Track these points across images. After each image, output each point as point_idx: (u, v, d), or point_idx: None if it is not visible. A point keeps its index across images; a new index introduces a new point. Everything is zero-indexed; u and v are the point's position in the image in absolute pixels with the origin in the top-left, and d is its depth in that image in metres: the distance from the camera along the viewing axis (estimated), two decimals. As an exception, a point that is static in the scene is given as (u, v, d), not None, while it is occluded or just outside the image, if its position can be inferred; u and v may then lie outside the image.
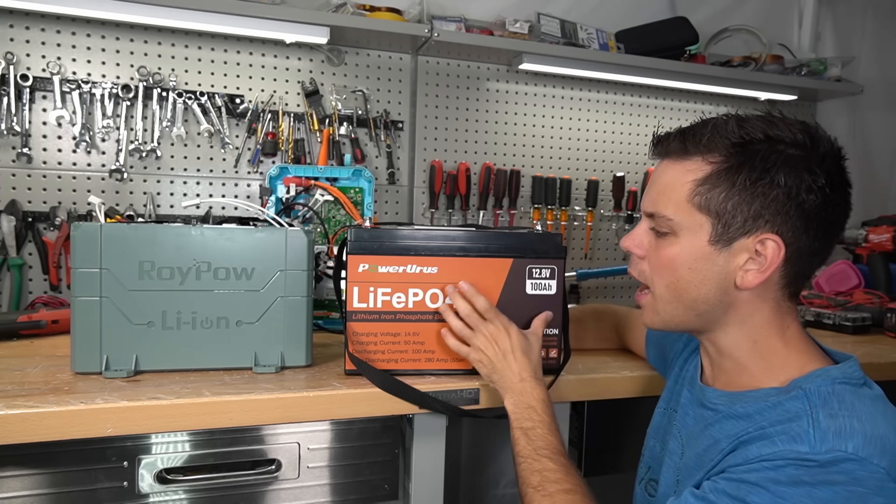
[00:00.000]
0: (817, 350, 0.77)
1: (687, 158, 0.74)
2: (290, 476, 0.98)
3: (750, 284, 0.72)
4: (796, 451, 0.63)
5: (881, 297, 1.68)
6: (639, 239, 0.80)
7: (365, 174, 1.46)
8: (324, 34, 1.56)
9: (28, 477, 0.87)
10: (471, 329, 0.97)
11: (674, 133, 0.76)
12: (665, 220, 0.75)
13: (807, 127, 0.72)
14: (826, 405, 0.66)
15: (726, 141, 0.71)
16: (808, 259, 0.73)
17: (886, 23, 2.32)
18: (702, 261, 0.74)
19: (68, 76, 1.53)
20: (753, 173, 0.70)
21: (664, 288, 0.77)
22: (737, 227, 0.71)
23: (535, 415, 0.88)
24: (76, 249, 0.95)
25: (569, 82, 1.99)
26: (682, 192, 0.74)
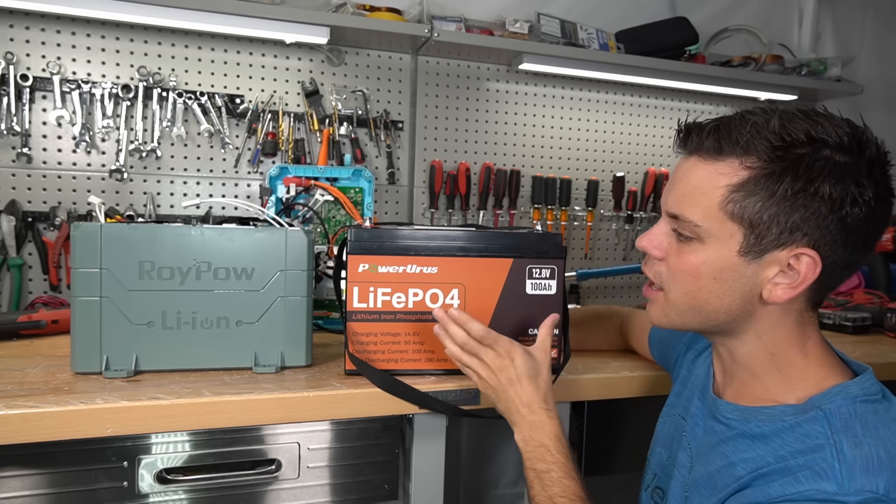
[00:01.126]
0: (836, 361, 0.72)
1: (720, 159, 0.67)
2: (290, 476, 0.98)
3: (779, 300, 0.67)
4: (823, 490, 0.59)
5: (881, 297, 1.68)
6: (658, 240, 0.74)
7: (365, 174, 1.46)
8: (324, 34, 1.56)
9: (28, 477, 0.87)
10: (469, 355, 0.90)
11: (708, 127, 0.69)
12: (692, 226, 0.69)
13: (853, 127, 0.65)
14: (848, 430, 0.62)
15: (766, 143, 0.64)
16: (841, 272, 0.68)
17: (886, 23, 2.32)
18: (728, 272, 0.68)
19: (68, 76, 1.53)
20: (797, 183, 0.63)
21: (682, 295, 0.72)
22: (771, 238, 0.66)
23: (549, 455, 0.81)
24: (76, 249, 0.95)
25: (569, 82, 1.99)
26: (714, 197, 0.67)
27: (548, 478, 0.80)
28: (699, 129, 0.70)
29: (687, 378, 0.90)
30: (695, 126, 0.71)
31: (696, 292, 0.71)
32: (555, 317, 0.96)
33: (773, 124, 0.65)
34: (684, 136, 0.72)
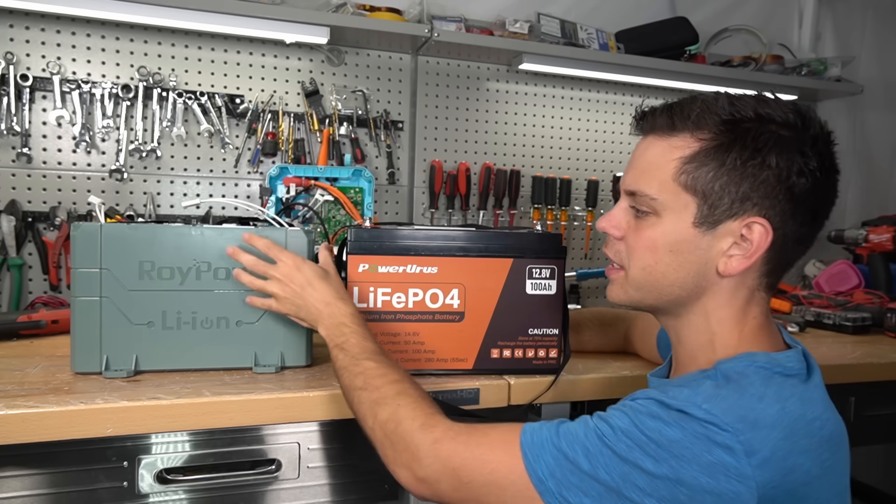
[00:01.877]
0: (772, 341, 0.74)
1: (674, 135, 0.71)
2: (290, 476, 0.98)
3: (734, 271, 0.70)
4: (661, 398, 0.64)
5: (881, 297, 1.68)
6: (616, 219, 0.77)
7: (365, 174, 1.46)
8: (324, 34, 1.56)
9: (28, 477, 0.87)
10: (264, 279, 0.96)
11: (660, 108, 0.73)
12: (648, 200, 0.72)
13: (798, 108, 0.70)
14: (722, 378, 0.66)
15: (716, 118, 0.68)
16: (793, 247, 0.71)
17: (886, 23, 2.32)
18: (684, 244, 0.71)
19: (68, 76, 1.53)
20: (745, 152, 0.67)
21: (640, 270, 0.74)
22: (723, 208, 0.68)
23: (347, 329, 0.87)
24: (76, 249, 0.95)
25: (569, 82, 1.99)
26: (668, 169, 0.70)
27: (348, 344, 0.86)
28: (653, 111, 0.74)
29: None
30: (649, 109, 0.75)
31: (653, 266, 0.73)
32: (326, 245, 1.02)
33: (723, 102, 0.69)
34: (640, 118, 0.75)
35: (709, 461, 0.59)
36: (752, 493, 0.59)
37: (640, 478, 0.61)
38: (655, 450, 0.61)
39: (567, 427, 0.67)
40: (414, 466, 0.72)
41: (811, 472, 0.62)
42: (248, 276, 0.97)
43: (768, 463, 0.60)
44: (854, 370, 1.23)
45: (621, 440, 0.63)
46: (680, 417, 0.62)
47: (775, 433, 0.61)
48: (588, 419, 0.67)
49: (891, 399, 1.29)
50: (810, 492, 0.62)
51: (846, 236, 1.98)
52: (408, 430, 0.73)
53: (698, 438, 0.60)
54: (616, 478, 0.62)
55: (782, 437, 0.61)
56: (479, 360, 1.03)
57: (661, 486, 0.60)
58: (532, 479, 0.65)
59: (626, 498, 0.61)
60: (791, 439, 0.61)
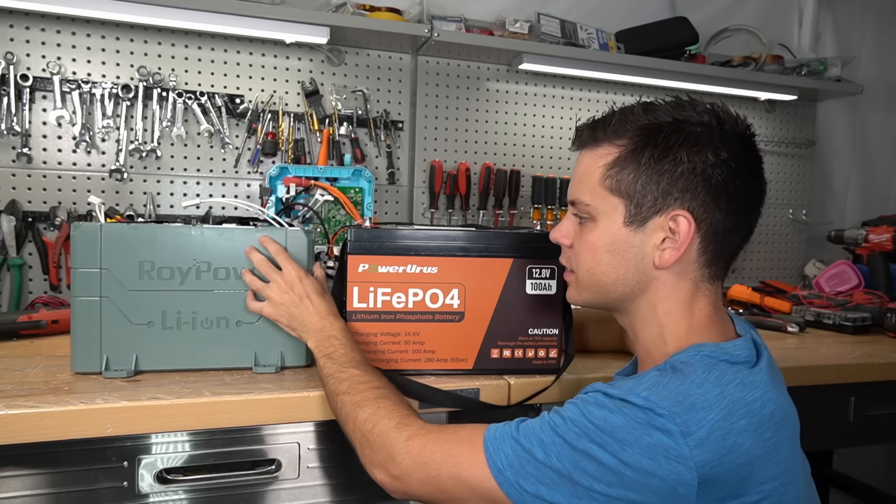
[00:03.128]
0: (722, 331, 0.77)
1: (598, 146, 0.78)
2: (290, 476, 0.98)
3: (667, 263, 0.74)
4: (606, 389, 0.69)
5: (881, 297, 1.68)
6: (565, 229, 0.83)
7: (365, 174, 1.46)
8: (324, 34, 1.56)
9: (28, 477, 0.87)
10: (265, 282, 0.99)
11: (586, 124, 0.80)
12: (583, 206, 0.78)
13: (714, 108, 0.75)
14: (668, 368, 0.69)
15: (632, 125, 0.75)
16: (726, 235, 0.75)
17: (886, 23, 2.32)
18: (619, 243, 0.76)
19: (68, 76, 1.53)
20: (656, 151, 0.73)
21: (586, 272, 0.80)
22: (648, 205, 0.74)
23: (336, 341, 0.91)
24: (76, 249, 0.95)
25: (569, 82, 1.99)
26: (595, 176, 0.77)
27: (336, 354, 0.89)
28: (581, 128, 0.81)
29: None
30: (579, 126, 0.81)
31: (595, 267, 0.78)
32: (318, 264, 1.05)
33: (638, 110, 0.76)
34: (575, 137, 0.82)
35: (649, 444, 0.63)
36: (692, 473, 0.62)
37: (589, 464, 0.65)
38: (601, 436, 0.65)
39: (527, 423, 0.72)
40: (389, 465, 0.75)
41: (752, 451, 0.64)
42: (250, 275, 0.99)
43: (705, 443, 0.62)
44: (854, 370, 1.23)
45: (571, 429, 0.67)
46: (623, 405, 0.66)
47: (712, 414, 0.64)
48: (545, 414, 0.71)
49: (891, 399, 1.29)
50: (754, 470, 0.65)
51: (846, 236, 1.98)
52: (384, 429, 0.77)
53: (639, 423, 0.64)
54: (567, 465, 0.66)
55: (720, 419, 0.64)
56: (479, 360, 1.03)
57: (607, 472, 0.64)
58: (492, 470, 0.69)
59: (577, 484, 0.65)
60: (729, 420, 0.64)
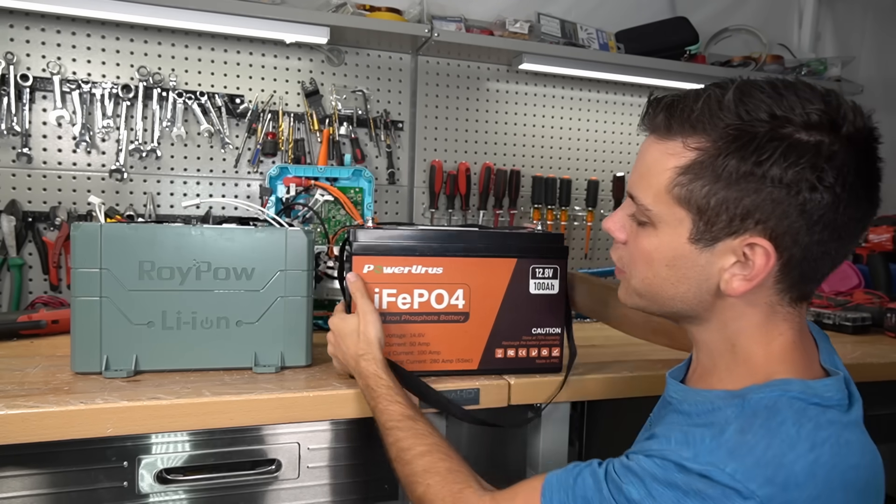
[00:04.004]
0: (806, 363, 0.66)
1: (670, 138, 0.63)
2: (290, 476, 0.98)
3: (735, 292, 0.62)
4: (680, 454, 0.58)
5: (881, 297, 1.68)
6: (620, 221, 0.71)
7: (365, 174, 1.46)
8: (324, 34, 1.56)
9: (28, 477, 0.87)
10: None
11: (662, 104, 0.64)
12: (644, 210, 0.66)
13: (828, 101, 0.58)
14: (750, 418, 0.59)
15: (718, 121, 0.59)
16: (815, 262, 0.61)
17: (886, 23, 2.32)
18: (680, 259, 0.64)
19: (68, 76, 1.53)
20: (744, 165, 0.58)
21: (640, 280, 0.70)
22: (721, 226, 0.61)
23: (371, 392, 0.88)
24: (76, 249, 0.95)
25: (569, 82, 1.99)
26: (662, 180, 0.63)
27: (377, 409, 0.86)
28: (655, 104, 0.65)
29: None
30: (653, 102, 0.66)
31: (651, 279, 0.68)
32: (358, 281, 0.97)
33: (729, 99, 0.59)
34: (644, 114, 0.67)
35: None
36: None
37: None
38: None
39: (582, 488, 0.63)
40: None
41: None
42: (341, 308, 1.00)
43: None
44: (854, 370, 1.20)
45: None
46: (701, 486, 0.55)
47: (806, 492, 0.55)
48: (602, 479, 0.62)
49: (891, 399, 1.29)
50: None
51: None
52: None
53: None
54: None
55: (814, 497, 0.55)
56: (484, 361, 1.03)
57: None
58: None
59: None
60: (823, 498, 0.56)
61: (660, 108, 0.64)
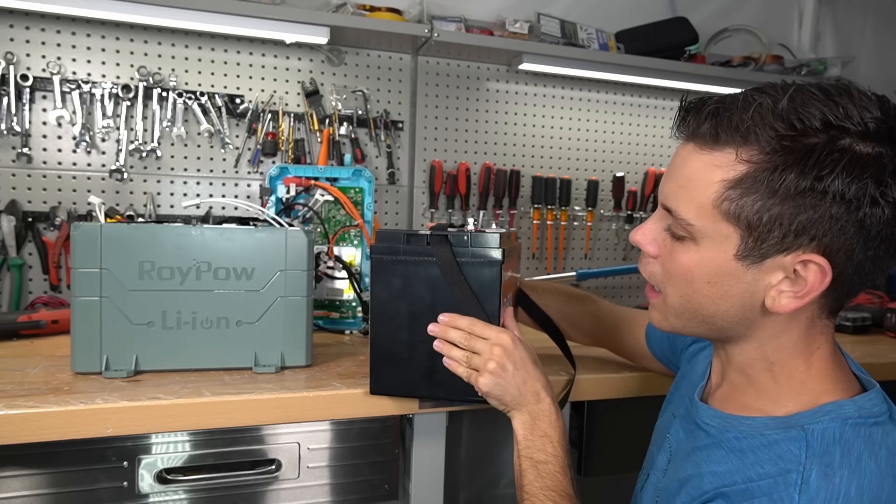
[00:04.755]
0: (846, 377, 0.64)
1: (717, 149, 0.58)
2: (290, 476, 0.98)
3: (784, 309, 0.59)
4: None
5: (881, 297, 1.68)
6: (652, 234, 0.67)
7: (365, 174, 1.46)
8: (324, 34, 1.56)
9: (28, 477, 0.87)
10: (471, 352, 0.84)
11: (707, 109, 0.59)
12: (685, 224, 0.61)
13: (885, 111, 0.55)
14: (824, 457, 0.56)
15: (771, 131, 0.55)
16: (865, 277, 0.59)
17: (886, 23, 2.32)
18: (724, 276, 0.61)
19: (68, 76, 1.53)
20: (804, 180, 0.54)
21: (678, 298, 0.65)
22: (773, 242, 0.57)
23: (550, 447, 0.77)
24: (76, 249, 0.95)
25: (569, 82, 1.99)
26: (708, 193, 0.58)
27: (544, 469, 0.76)
28: (697, 110, 0.61)
29: (685, 375, 0.85)
30: (694, 105, 0.61)
31: (690, 296, 0.64)
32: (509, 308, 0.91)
33: (783, 107, 0.55)
34: (682, 116, 0.62)
35: None
36: None
37: None
38: None
39: None
40: None
41: None
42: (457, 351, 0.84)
43: None
44: (854, 370, 1.23)
45: None
46: None
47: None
48: None
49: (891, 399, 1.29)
50: None
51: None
52: None
53: None
54: None
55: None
56: None
57: None
58: None
59: None
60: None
61: (703, 114, 0.60)
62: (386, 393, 0.92)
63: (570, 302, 1.13)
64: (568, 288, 1.18)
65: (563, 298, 1.14)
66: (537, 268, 1.97)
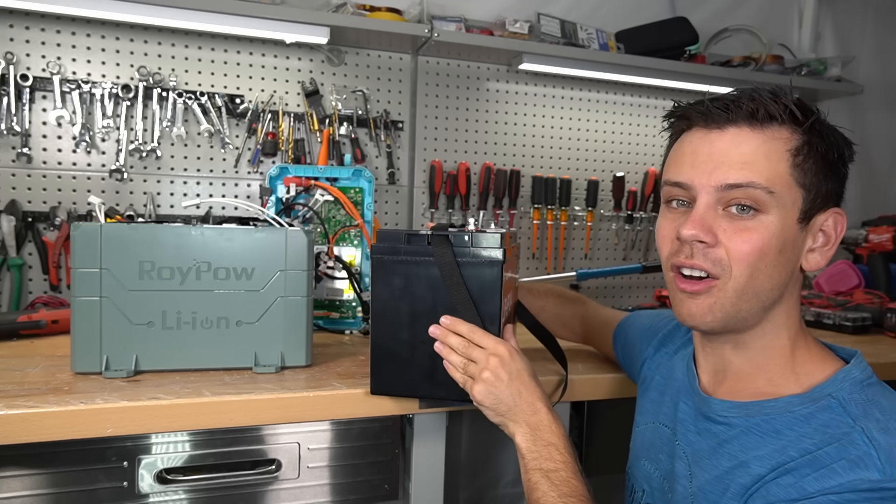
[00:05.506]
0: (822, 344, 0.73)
1: (772, 126, 0.67)
2: (290, 476, 0.98)
3: (817, 266, 0.69)
4: (867, 479, 0.57)
5: (881, 297, 1.68)
6: (707, 223, 0.67)
7: (365, 174, 1.46)
8: (324, 34, 1.56)
9: (28, 477, 0.87)
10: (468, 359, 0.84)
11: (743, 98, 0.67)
12: (762, 194, 0.65)
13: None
14: (870, 416, 0.61)
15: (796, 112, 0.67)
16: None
17: (886, 23, 2.32)
18: (790, 242, 0.67)
19: (68, 76, 1.53)
20: (834, 149, 0.68)
21: (746, 277, 0.66)
22: (819, 201, 0.68)
23: (558, 454, 0.77)
24: (76, 249, 0.95)
25: (569, 82, 1.99)
26: (782, 162, 0.66)
27: (556, 477, 0.75)
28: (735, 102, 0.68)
29: (664, 383, 0.85)
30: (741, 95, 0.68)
31: (761, 270, 0.66)
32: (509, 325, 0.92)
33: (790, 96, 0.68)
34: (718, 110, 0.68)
35: None
36: None
37: None
38: None
39: None
40: None
41: None
42: (456, 356, 0.84)
43: None
44: (854, 370, 1.23)
45: None
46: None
47: None
48: None
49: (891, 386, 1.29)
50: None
51: (846, 236, 1.98)
52: None
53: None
54: None
55: None
56: None
57: None
58: None
59: None
60: None
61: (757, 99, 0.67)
62: (386, 393, 0.92)
63: (563, 304, 1.19)
64: (562, 290, 1.22)
65: (557, 300, 1.19)
66: (537, 268, 1.97)
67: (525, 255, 1.95)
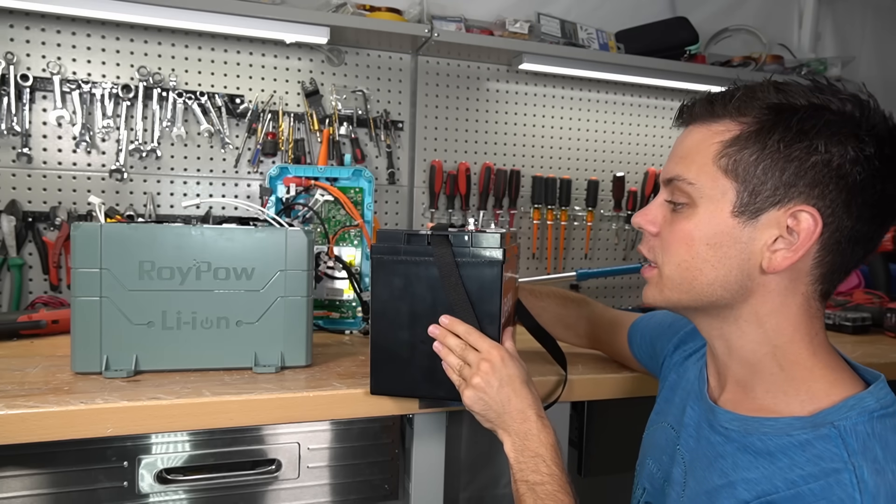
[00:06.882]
0: (845, 366, 0.66)
1: (715, 121, 0.65)
2: (290, 476, 0.98)
3: (778, 267, 0.62)
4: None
5: (881, 297, 1.68)
6: (652, 214, 0.70)
7: (365, 174, 1.46)
8: (324, 34, 1.56)
9: (28, 477, 0.87)
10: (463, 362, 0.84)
11: (700, 98, 0.68)
12: (685, 185, 0.66)
13: (858, 98, 0.62)
14: (867, 453, 0.56)
15: (760, 103, 0.63)
16: (849, 247, 0.63)
17: (886, 23, 2.32)
18: (722, 236, 0.64)
19: (68, 76, 1.53)
20: (788, 134, 0.61)
21: (675, 267, 0.67)
22: (766, 195, 0.62)
23: (544, 466, 0.76)
24: (76, 249, 0.95)
25: (569, 82, 1.99)
26: (708, 153, 0.64)
27: (542, 490, 0.75)
28: (693, 102, 0.69)
29: (677, 383, 0.84)
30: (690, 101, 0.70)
31: (689, 262, 0.66)
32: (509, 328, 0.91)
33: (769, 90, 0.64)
34: (679, 113, 0.71)
35: None
36: None
37: None
38: None
39: None
40: None
41: None
42: (453, 357, 0.85)
43: None
44: (854, 370, 1.23)
45: None
46: None
47: None
48: None
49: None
50: None
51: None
52: None
53: None
54: None
55: None
56: None
57: None
58: None
59: None
60: None
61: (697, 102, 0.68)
62: (386, 393, 0.92)
63: (565, 305, 1.16)
64: (564, 291, 1.20)
65: (559, 301, 1.17)
66: (537, 268, 1.97)
67: (525, 255, 1.95)
